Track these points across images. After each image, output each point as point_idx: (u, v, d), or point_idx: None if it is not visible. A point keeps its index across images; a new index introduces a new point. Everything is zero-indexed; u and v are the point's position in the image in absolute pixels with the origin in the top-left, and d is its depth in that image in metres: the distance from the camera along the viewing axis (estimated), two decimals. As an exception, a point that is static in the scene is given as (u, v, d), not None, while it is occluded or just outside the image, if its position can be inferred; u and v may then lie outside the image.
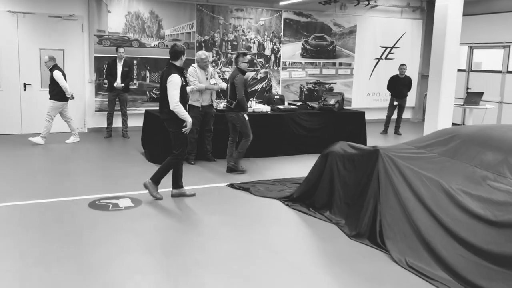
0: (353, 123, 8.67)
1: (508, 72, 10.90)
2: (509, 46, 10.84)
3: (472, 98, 8.96)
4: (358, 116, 8.82)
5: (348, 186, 4.62)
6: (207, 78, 7.00)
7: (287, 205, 5.23)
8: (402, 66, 10.35)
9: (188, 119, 5.22)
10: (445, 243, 3.52)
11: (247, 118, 6.56)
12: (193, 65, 7.05)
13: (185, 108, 5.24)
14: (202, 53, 7.07)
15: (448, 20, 6.84)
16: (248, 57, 6.65)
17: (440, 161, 3.96)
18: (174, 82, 5.08)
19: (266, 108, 8.05)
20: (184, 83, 5.24)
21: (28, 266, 3.62)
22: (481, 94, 9.46)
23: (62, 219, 4.67)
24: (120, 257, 3.82)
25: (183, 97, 5.25)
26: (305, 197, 5.16)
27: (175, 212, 4.97)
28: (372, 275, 3.58)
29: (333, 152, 4.90)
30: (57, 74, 8.07)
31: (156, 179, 5.35)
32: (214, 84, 7.06)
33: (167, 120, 5.29)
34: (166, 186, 5.55)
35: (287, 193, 5.52)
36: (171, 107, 5.11)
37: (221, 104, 7.68)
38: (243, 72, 6.52)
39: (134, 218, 4.75)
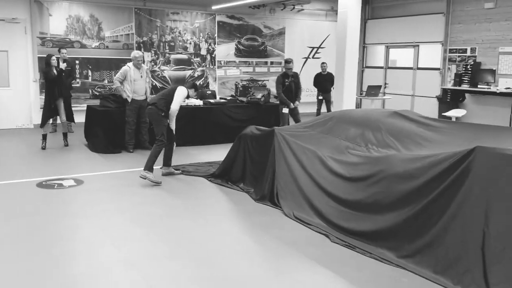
0: (277, 114, 9.76)
1: (418, 68, 12.41)
2: (418, 46, 12.34)
3: (372, 90, 10.35)
4: (282, 108, 9.98)
5: (255, 161, 5.69)
6: (141, 76, 7.85)
7: (210, 180, 6.24)
8: (323, 64, 11.57)
9: (173, 122, 6.32)
10: (319, 197, 4.65)
11: (286, 111, 8.29)
12: (128, 64, 7.88)
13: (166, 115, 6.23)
14: (136, 52, 7.93)
15: (348, 24, 8.07)
16: (291, 65, 8.50)
17: (318, 137, 5.11)
18: (181, 94, 6.21)
19: (198, 102, 9.01)
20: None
21: (-13, 229, 4.43)
22: (379, 87, 10.94)
23: (14, 196, 5.46)
24: (64, 220, 4.70)
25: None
26: (224, 174, 6.19)
27: (113, 189, 5.84)
28: (266, 224, 4.66)
29: (245, 134, 5.96)
30: None
31: (149, 167, 6.13)
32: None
33: (153, 112, 6.18)
34: (102, 170, 6.37)
35: (211, 171, 6.52)
36: (172, 110, 6.15)
37: None
38: (287, 75, 8.41)
39: (77, 194, 5.61)
